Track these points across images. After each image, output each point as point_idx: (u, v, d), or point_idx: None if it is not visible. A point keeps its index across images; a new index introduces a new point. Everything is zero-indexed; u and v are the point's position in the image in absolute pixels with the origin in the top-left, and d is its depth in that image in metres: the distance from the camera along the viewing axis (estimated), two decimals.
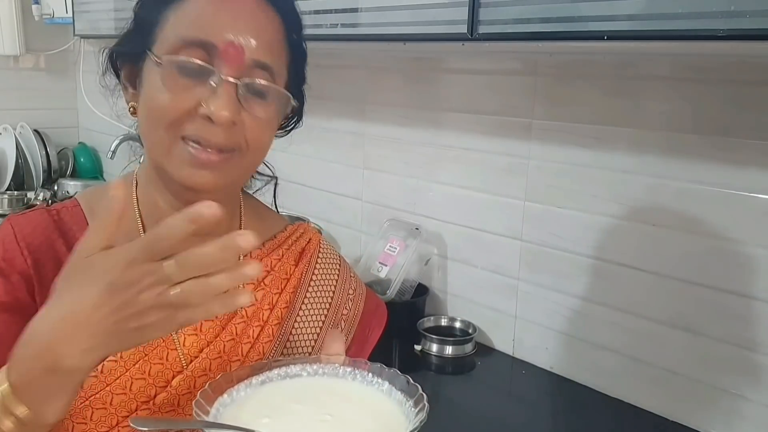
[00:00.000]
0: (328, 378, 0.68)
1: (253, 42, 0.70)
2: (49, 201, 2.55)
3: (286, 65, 0.76)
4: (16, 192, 2.67)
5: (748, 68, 1.15)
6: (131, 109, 0.78)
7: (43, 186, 2.74)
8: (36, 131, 2.79)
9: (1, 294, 0.73)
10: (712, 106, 1.20)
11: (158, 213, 0.79)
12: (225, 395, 0.63)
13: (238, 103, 0.70)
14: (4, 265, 0.74)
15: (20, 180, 2.75)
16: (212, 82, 0.69)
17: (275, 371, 0.67)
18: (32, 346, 0.58)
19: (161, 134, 0.71)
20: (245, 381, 0.65)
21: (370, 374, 0.67)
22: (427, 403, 0.61)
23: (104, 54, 0.80)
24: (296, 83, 0.80)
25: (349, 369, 0.68)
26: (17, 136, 2.75)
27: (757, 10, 0.81)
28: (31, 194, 2.64)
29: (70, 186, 2.74)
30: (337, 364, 0.69)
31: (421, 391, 0.63)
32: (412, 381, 0.65)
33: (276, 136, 0.81)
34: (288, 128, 0.85)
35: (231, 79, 0.69)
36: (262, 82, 0.72)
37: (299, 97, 0.81)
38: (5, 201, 2.61)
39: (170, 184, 0.76)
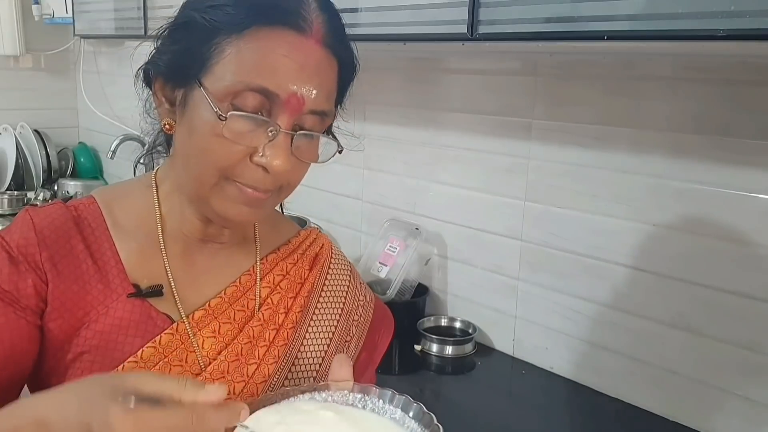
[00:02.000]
0: (338, 407, 0.66)
1: (314, 93, 0.70)
2: (50, 201, 2.55)
3: (335, 104, 0.76)
4: (16, 192, 2.67)
5: (748, 68, 1.15)
6: (166, 126, 0.75)
7: (43, 186, 2.74)
8: (36, 131, 2.80)
9: (4, 281, 0.72)
10: (713, 106, 1.20)
11: (182, 219, 0.80)
12: None
13: (290, 152, 0.70)
14: (16, 254, 0.73)
15: (20, 180, 2.75)
16: (270, 133, 0.69)
17: (284, 403, 0.65)
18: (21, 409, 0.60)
19: (210, 174, 0.70)
20: (254, 415, 0.64)
21: (381, 401, 0.66)
22: None
23: (141, 69, 0.78)
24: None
25: (359, 396, 0.66)
26: (17, 136, 2.76)
27: (757, 10, 0.81)
28: (31, 194, 2.64)
29: (70, 186, 2.75)
30: (346, 391, 0.67)
31: (436, 421, 0.61)
32: (426, 410, 0.63)
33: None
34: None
35: (288, 132, 0.70)
36: (315, 132, 0.72)
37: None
38: (5, 201, 2.61)
39: (204, 206, 0.75)
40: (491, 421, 1.34)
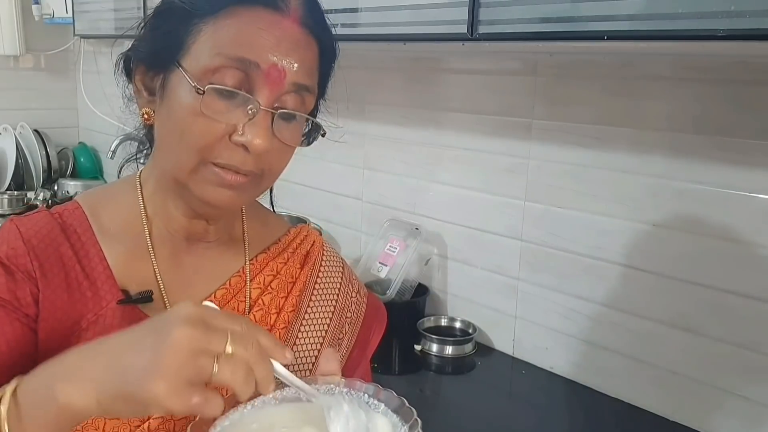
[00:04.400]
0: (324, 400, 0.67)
1: (294, 65, 0.69)
2: (49, 201, 2.55)
3: (317, 87, 0.75)
4: (16, 192, 2.68)
5: (748, 68, 1.15)
6: (145, 115, 0.75)
7: (43, 186, 2.74)
8: (36, 131, 2.80)
9: (2, 290, 0.71)
10: (713, 106, 1.20)
11: (167, 217, 0.79)
12: (224, 419, 0.62)
13: (271, 131, 0.70)
14: (8, 263, 0.72)
15: (20, 180, 2.75)
16: (250, 111, 0.68)
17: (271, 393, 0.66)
18: (54, 366, 0.58)
19: (189, 156, 0.70)
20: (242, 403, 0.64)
21: (366, 395, 0.67)
22: (421, 430, 0.61)
23: (121, 57, 0.77)
24: (318, 98, 0.79)
25: (345, 390, 0.67)
26: (17, 136, 2.76)
27: (757, 10, 0.81)
28: (31, 194, 2.64)
29: (70, 186, 2.75)
30: (332, 385, 0.67)
31: (416, 416, 0.62)
32: (407, 404, 0.64)
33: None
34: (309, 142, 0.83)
35: (269, 109, 0.69)
36: (297, 112, 0.72)
37: (315, 111, 0.80)
38: (5, 201, 2.61)
39: (186, 194, 0.75)
40: (491, 421, 1.34)
